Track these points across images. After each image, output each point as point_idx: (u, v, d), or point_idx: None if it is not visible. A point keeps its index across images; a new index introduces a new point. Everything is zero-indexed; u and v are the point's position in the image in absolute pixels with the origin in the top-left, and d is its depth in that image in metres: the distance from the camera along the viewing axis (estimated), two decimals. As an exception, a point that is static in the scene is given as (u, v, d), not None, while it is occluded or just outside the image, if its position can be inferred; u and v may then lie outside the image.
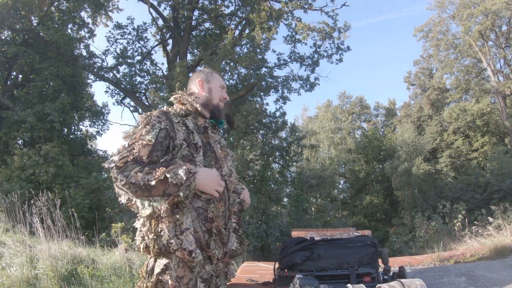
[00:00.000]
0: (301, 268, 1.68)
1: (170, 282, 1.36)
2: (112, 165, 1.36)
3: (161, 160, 1.42)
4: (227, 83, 14.65)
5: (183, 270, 1.38)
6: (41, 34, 13.27)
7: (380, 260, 1.77)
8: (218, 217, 1.44)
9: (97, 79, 14.86)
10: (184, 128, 1.52)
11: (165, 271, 1.39)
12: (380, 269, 1.71)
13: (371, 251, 1.73)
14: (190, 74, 14.48)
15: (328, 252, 1.72)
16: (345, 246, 1.75)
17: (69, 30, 14.64)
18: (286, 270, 1.73)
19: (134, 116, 17.31)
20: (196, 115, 1.64)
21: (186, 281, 1.36)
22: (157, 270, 1.41)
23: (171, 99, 1.71)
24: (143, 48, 15.30)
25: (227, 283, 1.57)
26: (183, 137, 1.49)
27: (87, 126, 15.83)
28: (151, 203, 1.38)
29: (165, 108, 1.63)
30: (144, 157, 1.38)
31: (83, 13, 14.78)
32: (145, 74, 15.01)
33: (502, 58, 21.10)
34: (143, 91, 14.96)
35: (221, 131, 1.89)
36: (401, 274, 1.62)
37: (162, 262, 1.41)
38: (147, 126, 1.46)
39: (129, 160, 1.36)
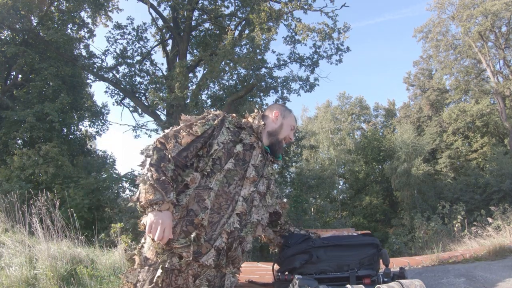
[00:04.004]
0: (301, 272, 1.68)
1: (137, 259, 1.51)
2: (158, 138, 1.53)
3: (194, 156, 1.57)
4: (227, 83, 14.64)
5: (151, 253, 1.48)
6: (40, 34, 13.27)
7: (380, 262, 1.77)
8: (202, 226, 1.47)
9: (97, 79, 14.86)
10: (230, 135, 1.61)
11: (140, 249, 1.54)
12: (381, 271, 1.71)
13: (372, 252, 1.73)
14: (190, 75, 14.54)
15: (328, 254, 1.71)
16: (346, 246, 1.74)
17: (69, 30, 14.65)
18: (286, 274, 1.73)
19: (133, 116, 17.31)
20: (251, 133, 1.70)
21: (150, 263, 1.47)
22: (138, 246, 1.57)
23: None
24: (142, 48, 15.32)
25: None
26: (222, 140, 1.58)
27: (86, 126, 15.87)
28: None
29: (228, 114, 1.74)
30: (181, 146, 1.51)
31: (82, 13, 14.80)
32: (145, 74, 15.02)
33: (502, 59, 21.15)
34: (143, 91, 14.96)
35: (277, 165, 1.94)
36: (401, 275, 1.62)
37: (141, 241, 1.57)
38: (202, 120, 1.61)
39: (164, 148, 1.50)
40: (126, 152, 46.22)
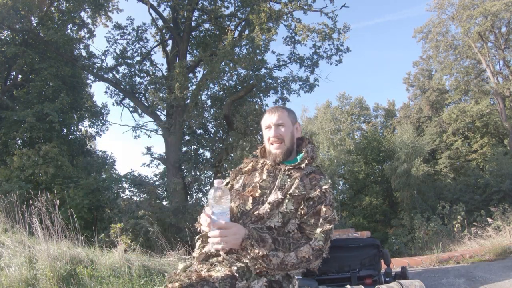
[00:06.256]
0: (302, 272, 1.67)
1: None
2: None
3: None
4: (227, 84, 14.60)
5: None
6: (40, 34, 13.25)
7: (382, 262, 1.76)
8: None
9: (97, 79, 14.83)
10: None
11: None
12: (382, 271, 1.71)
13: (373, 252, 1.72)
14: (190, 75, 14.53)
15: (329, 255, 1.71)
16: (347, 248, 1.74)
17: (69, 30, 14.61)
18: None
19: (133, 117, 17.26)
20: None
21: None
22: None
23: None
24: (142, 48, 15.28)
25: None
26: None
27: (86, 126, 15.84)
28: None
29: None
30: None
31: (82, 14, 14.75)
32: (145, 75, 14.98)
33: (502, 59, 21.15)
34: (143, 92, 14.94)
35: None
36: (403, 274, 1.62)
37: None
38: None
39: None
40: (126, 152, 46.22)
